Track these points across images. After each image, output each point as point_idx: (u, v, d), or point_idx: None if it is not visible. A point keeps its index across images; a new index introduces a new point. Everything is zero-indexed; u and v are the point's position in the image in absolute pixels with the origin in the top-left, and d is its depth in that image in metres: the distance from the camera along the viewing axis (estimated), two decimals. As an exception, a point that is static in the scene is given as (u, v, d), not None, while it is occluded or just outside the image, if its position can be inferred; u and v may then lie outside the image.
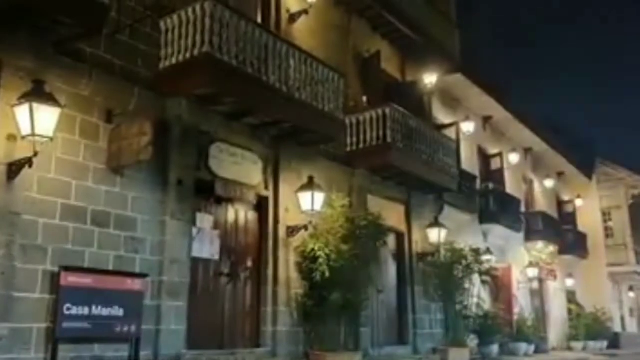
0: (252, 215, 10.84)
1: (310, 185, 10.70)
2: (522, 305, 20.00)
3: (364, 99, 14.16)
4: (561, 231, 24.02)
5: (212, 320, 9.71)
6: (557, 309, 23.64)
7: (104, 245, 8.09)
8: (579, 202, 26.98)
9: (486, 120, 20.12)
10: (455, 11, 18.98)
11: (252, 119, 10.25)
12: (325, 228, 11.08)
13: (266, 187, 10.91)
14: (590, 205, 27.71)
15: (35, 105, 6.89)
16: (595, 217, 28.12)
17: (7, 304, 6.93)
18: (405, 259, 14.55)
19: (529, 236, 21.74)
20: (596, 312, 24.30)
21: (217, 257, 9.96)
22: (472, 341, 15.39)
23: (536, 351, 18.51)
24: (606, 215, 29.27)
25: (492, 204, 18.68)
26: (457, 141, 16.84)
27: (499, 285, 18.22)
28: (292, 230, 10.92)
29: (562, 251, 23.71)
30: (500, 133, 21.18)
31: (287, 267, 10.83)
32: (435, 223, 14.89)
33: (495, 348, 16.02)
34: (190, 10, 8.91)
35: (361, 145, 12.92)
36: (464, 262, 14.74)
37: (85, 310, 7.55)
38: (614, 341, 25.23)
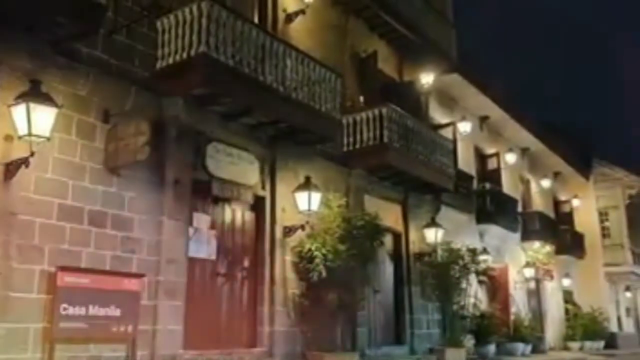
0: (248, 215, 10.84)
1: (307, 185, 10.71)
2: (519, 305, 20.03)
3: (361, 99, 14.17)
4: (558, 231, 24.06)
5: (209, 321, 9.70)
6: (554, 309, 23.67)
7: (101, 245, 8.09)
8: (575, 202, 26.99)
9: (483, 120, 20.13)
10: (452, 11, 18.99)
11: (249, 119, 10.25)
12: (322, 228, 11.09)
13: (263, 187, 10.91)
14: (587, 205, 27.74)
15: (32, 105, 6.90)
16: (592, 217, 28.17)
17: (3, 304, 6.93)
18: (402, 259, 14.57)
19: (526, 236, 21.77)
20: (593, 312, 24.33)
21: (214, 257, 9.96)
22: (469, 341, 15.40)
23: (533, 351, 18.50)
24: (603, 215, 29.31)
25: (489, 204, 18.72)
26: (454, 141, 16.85)
27: (495, 285, 18.23)
28: (288, 230, 10.93)
29: (558, 251, 23.74)
30: (497, 133, 21.21)
31: (283, 267, 10.85)
32: (432, 223, 14.91)
33: (492, 348, 16.03)
34: (186, 10, 8.92)
35: (358, 145, 12.93)
36: (460, 262, 14.74)
37: (82, 310, 7.56)
38: (611, 341, 25.24)
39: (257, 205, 10.86)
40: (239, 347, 9.99)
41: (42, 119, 6.96)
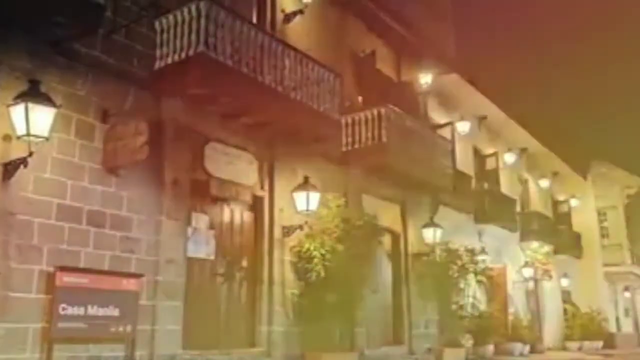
0: (247, 215, 10.84)
1: (305, 185, 10.72)
2: (518, 305, 20.04)
3: (360, 98, 14.17)
4: (556, 231, 24.06)
5: (208, 321, 9.71)
6: (552, 309, 23.66)
7: (100, 245, 8.09)
8: (574, 202, 26.95)
9: (481, 120, 20.12)
10: (451, 11, 19.00)
11: (248, 118, 10.24)
12: (320, 228, 11.09)
13: (261, 187, 10.92)
14: (585, 205, 27.69)
15: (30, 105, 6.90)
16: (591, 217, 28.16)
17: (2, 304, 6.93)
18: (401, 258, 14.58)
19: (524, 236, 21.77)
20: (591, 312, 24.33)
21: (212, 257, 9.97)
22: (468, 341, 15.42)
23: (531, 351, 18.52)
24: (601, 215, 29.30)
25: (487, 204, 18.72)
26: (453, 141, 16.86)
27: (494, 285, 18.21)
28: (287, 230, 10.93)
29: (557, 251, 23.76)
30: (495, 133, 21.19)
31: (282, 267, 10.85)
32: (431, 223, 14.90)
33: (490, 348, 16.04)
34: (185, 10, 8.92)
35: (357, 145, 12.93)
36: (459, 262, 14.78)
37: (81, 310, 7.57)
38: (609, 341, 25.22)
39: (256, 205, 10.86)
40: (238, 347, 9.98)
41: (40, 118, 6.96)
